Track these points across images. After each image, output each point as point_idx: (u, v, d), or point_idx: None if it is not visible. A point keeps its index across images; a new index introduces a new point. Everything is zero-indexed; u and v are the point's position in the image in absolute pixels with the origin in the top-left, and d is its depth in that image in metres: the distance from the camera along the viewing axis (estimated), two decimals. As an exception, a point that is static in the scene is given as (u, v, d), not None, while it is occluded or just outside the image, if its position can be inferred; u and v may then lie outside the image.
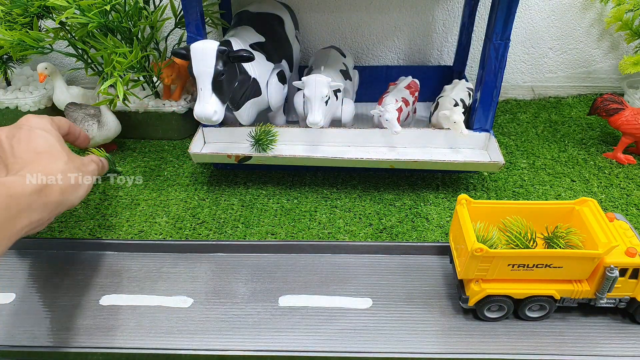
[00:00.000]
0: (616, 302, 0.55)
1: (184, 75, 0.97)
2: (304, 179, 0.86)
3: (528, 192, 0.82)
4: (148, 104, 0.96)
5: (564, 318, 0.58)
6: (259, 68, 0.77)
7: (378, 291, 0.62)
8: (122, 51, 0.81)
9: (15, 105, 1.01)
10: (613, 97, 0.88)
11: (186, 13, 0.72)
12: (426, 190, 0.83)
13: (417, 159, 0.76)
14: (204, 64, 0.65)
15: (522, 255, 0.52)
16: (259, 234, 0.74)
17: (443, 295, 0.61)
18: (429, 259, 0.66)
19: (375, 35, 1.09)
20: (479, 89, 0.76)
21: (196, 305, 0.61)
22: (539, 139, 0.97)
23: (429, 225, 0.75)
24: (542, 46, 1.10)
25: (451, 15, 1.06)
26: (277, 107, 0.84)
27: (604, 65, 1.13)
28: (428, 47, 1.11)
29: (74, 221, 0.78)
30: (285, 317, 0.59)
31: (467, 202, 0.58)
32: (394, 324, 0.57)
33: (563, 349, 0.54)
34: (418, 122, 0.97)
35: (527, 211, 0.59)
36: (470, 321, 0.58)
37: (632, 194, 0.81)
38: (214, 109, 0.67)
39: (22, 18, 0.83)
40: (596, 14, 1.06)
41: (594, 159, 0.90)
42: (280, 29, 0.86)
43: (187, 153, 0.96)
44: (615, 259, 0.52)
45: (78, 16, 0.77)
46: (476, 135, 0.78)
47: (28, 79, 1.07)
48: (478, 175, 0.86)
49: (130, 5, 0.82)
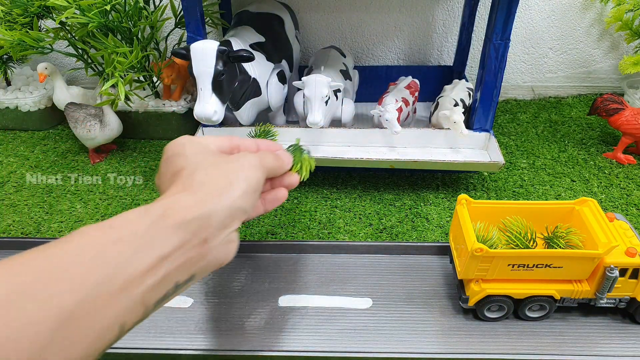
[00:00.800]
0: (616, 302, 0.55)
1: (184, 75, 0.97)
2: (304, 179, 0.86)
3: (528, 192, 0.82)
4: (148, 104, 0.96)
5: (564, 318, 0.57)
6: (259, 68, 0.77)
7: (378, 291, 0.62)
8: (122, 51, 0.81)
9: (15, 105, 1.01)
10: (613, 97, 0.88)
11: (186, 13, 0.72)
12: (426, 190, 0.83)
13: (417, 159, 0.76)
14: (204, 64, 0.65)
15: (522, 255, 0.52)
16: (259, 234, 0.74)
17: (443, 295, 0.61)
18: (429, 259, 0.66)
19: (375, 35, 1.09)
20: (479, 89, 0.76)
21: (196, 305, 0.60)
22: (539, 139, 0.97)
23: (429, 225, 0.75)
24: (542, 46, 1.10)
25: (451, 16, 1.06)
26: (277, 107, 0.84)
27: (604, 65, 1.13)
28: (428, 47, 1.11)
29: (74, 221, 0.78)
30: (285, 317, 0.59)
31: (467, 202, 0.58)
32: (394, 324, 0.57)
33: (563, 348, 0.54)
34: (418, 122, 0.97)
35: (527, 211, 0.59)
36: (470, 321, 0.57)
37: (632, 194, 0.81)
38: (214, 109, 0.67)
39: (22, 18, 0.83)
40: (596, 14, 1.06)
41: (594, 159, 0.90)
42: (280, 29, 0.86)
43: (187, 153, 0.96)
44: (615, 259, 0.52)
45: (78, 16, 0.77)
46: (476, 135, 0.78)
47: (28, 79, 1.07)
48: (478, 175, 0.86)
49: (131, 5, 0.82)
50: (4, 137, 1.03)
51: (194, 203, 0.31)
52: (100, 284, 0.26)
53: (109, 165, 0.92)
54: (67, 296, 0.24)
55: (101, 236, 0.27)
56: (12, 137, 1.03)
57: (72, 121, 0.89)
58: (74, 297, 0.24)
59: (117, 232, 0.28)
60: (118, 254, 0.27)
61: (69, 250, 0.26)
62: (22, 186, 0.87)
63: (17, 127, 1.04)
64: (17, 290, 0.23)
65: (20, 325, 0.23)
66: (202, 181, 0.33)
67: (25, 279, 0.24)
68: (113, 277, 0.26)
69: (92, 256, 0.26)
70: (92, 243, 0.27)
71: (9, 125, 1.04)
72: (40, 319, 0.23)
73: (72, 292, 0.24)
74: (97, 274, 0.26)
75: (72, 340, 0.24)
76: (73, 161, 0.94)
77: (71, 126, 0.90)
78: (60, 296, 0.24)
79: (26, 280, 0.24)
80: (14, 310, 0.23)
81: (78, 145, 0.98)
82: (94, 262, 0.26)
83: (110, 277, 0.26)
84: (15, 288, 0.23)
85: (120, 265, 0.27)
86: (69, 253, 0.26)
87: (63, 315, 0.24)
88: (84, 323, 0.25)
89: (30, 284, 0.24)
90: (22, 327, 0.23)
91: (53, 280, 0.24)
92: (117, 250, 0.27)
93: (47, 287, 0.24)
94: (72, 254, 0.26)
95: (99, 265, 0.26)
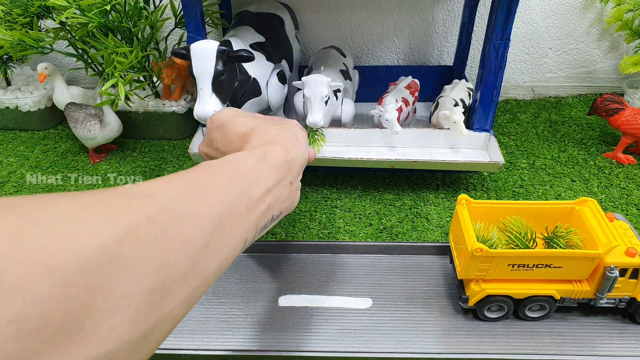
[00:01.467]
0: (616, 302, 0.55)
1: (184, 75, 0.97)
2: (303, 179, 0.86)
3: (528, 192, 0.82)
4: (148, 104, 0.96)
5: (564, 318, 0.57)
6: (259, 68, 0.77)
7: (378, 291, 0.62)
8: (122, 51, 0.81)
9: (15, 105, 1.01)
10: (613, 97, 0.88)
11: (186, 13, 0.72)
12: (426, 190, 0.83)
13: (417, 159, 0.76)
14: (204, 64, 0.65)
15: (522, 255, 0.52)
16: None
17: (443, 295, 0.61)
18: (429, 259, 0.66)
19: (375, 35, 1.09)
20: (479, 89, 0.76)
21: (196, 305, 0.60)
22: (539, 139, 0.97)
23: (429, 225, 0.75)
24: (542, 46, 1.10)
25: (451, 15, 1.06)
26: (277, 107, 0.84)
27: (604, 65, 1.13)
28: (428, 47, 1.11)
29: (74, 221, 0.78)
30: (285, 317, 0.59)
31: (467, 202, 0.58)
32: (394, 324, 0.57)
33: (563, 349, 0.54)
34: (418, 122, 0.97)
35: (527, 211, 0.59)
36: (470, 321, 0.57)
37: (632, 194, 0.81)
38: (213, 109, 0.67)
39: (22, 18, 0.83)
40: (596, 14, 1.06)
41: (594, 159, 0.90)
42: (280, 29, 0.86)
43: (187, 153, 0.96)
44: (615, 259, 0.52)
45: (78, 16, 0.77)
46: (476, 135, 0.78)
47: (28, 79, 1.07)
48: (478, 175, 0.86)
49: (130, 5, 0.82)
50: (3, 137, 1.03)
51: (282, 151, 0.38)
52: (233, 203, 0.31)
53: (109, 165, 0.92)
54: (218, 206, 0.29)
55: (226, 168, 0.33)
56: (12, 137, 1.03)
57: (72, 121, 0.89)
58: (218, 209, 0.29)
59: (235, 166, 0.34)
60: (241, 182, 0.32)
61: (205, 175, 0.31)
62: (22, 186, 0.87)
63: (17, 127, 1.04)
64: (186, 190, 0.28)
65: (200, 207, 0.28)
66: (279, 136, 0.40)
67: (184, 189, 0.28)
68: (241, 199, 0.32)
69: (224, 181, 0.32)
70: (221, 172, 0.32)
71: (9, 125, 1.04)
72: (203, 216, 0.27)
73: (219, 204, 0.29)
74: (231, 194, 0.31)
75: (220, 245, 0.29)
76: (73, 161, 0.94)
77: (71, 126, 0.90)
78: (213, 206, 0.29)
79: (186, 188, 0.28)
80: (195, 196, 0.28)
81: (78, 145, 0.98)
82: (227, 186, 0.31)
83: (239, 198, 0.31)
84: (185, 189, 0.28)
85: (244, 190, 0.32)
86: (207, 176, 0.31)
87: (215, 221, 0.28)
88: (227, 231, 0.30)
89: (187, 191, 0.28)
90: (201, 210, 0.27)
91: (202, 193, 0.29)
92: (239, 179, 0.33)
93: (202, 196, 0.28)
94: (210, 177, 0.31)
95: (231, 188, 0.31)
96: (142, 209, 0.24)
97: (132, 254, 0.22)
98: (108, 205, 0.23)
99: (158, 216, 0.24)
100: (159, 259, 0.23)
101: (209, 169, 0.32)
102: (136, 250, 0.22)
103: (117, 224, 0.22)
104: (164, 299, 0.24)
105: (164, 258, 0.24)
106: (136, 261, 0.22)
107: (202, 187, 0.29)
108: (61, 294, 0.19)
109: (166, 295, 0.24)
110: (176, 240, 0.25)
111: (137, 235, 0.23)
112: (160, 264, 0.23)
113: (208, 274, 0.28)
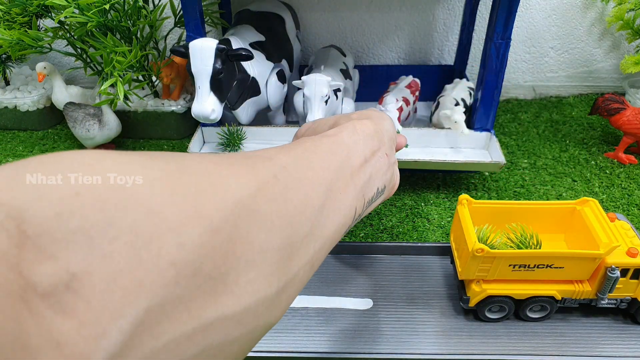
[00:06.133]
0: (617, 302, 0.55)
1: (183, 74, 0.97)
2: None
3: (529, 192, 0.82)
4: (147, 104, 0.96)
5: (565, 319, 0.57)
6: (258, 67, 0.76)
7: (378, 292, 0.61)
8: (121, 50, 0.81)
9: (14, 105, 1.01)
10: (614, 96, 0.88)
11: (185, 12, 0.71)
12: (427, 190, 0.83)
13: (418, 159, 0.75)
14: (202, 62, 0.65)
15: (523, 255, 0.52)
16: (258, 234, 0.74)
17: (444, 296, 0.61)
18: (429, 260, 0.66)
19: (376, 35, 1.09)
20: (480, 89, 0.76)
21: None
22: (540, 139, 0.97)
23: (430, 225, 0.75)
24: (543, 45, 1.10)
25: (452, 15, 1.06)
26: (276, 106, 0.83)
27: (605, 65, 1.13)
28: (429, 46, 1.10)
29: (73, 221, 0.78)
30: (285, 317, 0.58)
31: (468, 202, 0.58)
32: (395, 325, 0.57)
33: (564, 349, 0.54)
34: (419, 121, 0.97)
35: (528, 211, 0.59)
36: (471, 322, 0.57)
37: (634, 194, 0.80)
38: (211, 108, 0.66)
39: (21, 17, 0.83)
40: (597, 14, 1.06)
41: (595, 159, 0.90)
42: (280, 28, 0.86)
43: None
44: (617, 260, 0.52)
45: (77, 15, 0.77)
46: (477, 135, 0.78)
47: (27, 79, 1.07)
48: (479, 175, 0.86)
49: (130, 4, 0.82)
50: (2, 137, 1.02)
51: (370, 122, 0.39)
52: (338, 170, 0.32)
53: (108, 165, 0.92)
54: (327, 172, 0.30)
55: (324, 139, 0.34)
56: (10, 137, 1.02)
57: (71, 121, 0.89)
58: (327, 175, 0.30)
59: (332, 139, 0.35)
60: (340, 151, 0.34)
61: (309, 146, 0.32)
62: (21, 186, 0.87)
63: (16, 127, 1.04)
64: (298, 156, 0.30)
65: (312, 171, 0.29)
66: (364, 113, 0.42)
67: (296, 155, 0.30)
68: (344, 166, 0.33)
69: (327, 150, 0.33)
70: (321, 143, 0.33)
71: (8, 125, 1.04)
72: (316, 179, 0.29)
73: (327, 170, 0.31)
74: (336, 161, 0.32)
75: (334, 210, 0.30)
76: (72, 161, 0.93)
77: (70, 126, 0.89)
78: (322, 170, 0.30)
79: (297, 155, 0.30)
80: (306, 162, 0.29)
81: (77, 145, 0.98)
82: (330, 154, 0.33)
83: (343, 166, 0.33)
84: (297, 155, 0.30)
85: (345, 158, 0.34)
86: (311, 146, 0.32)
87: (327, 185, 0.30)
88: (338, 196, 0.31)
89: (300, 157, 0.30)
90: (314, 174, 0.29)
91: (310, 159, 0.30)
92: (339, 149, 0.34)
93: (312, 162, 0.30)
94: (313, 147, 0.32)
95: (333, 156, 0.33)
96: (266, 169, 0.25)
97: (265, 209, 0.23)
98: (237, 164, 0.24)
99: (281, 175, 0.26)
100: (286, 216, 0.24)
101: (311, 140, 0.33)
102: (267, 205, 0.23)
103: (249, 180, 0.23)
104: (292, 257, 0.25)
105: (289, 216, 0.25)
106: (268, 215, 0.23)
107: (309, 154, 0.31)
108: (209, 242, 0.19)
109: (293, 254, 0.25)
110: (298, 199, 0.26)
111: (267, 191, 0.24)
112: (286, 221, 0.24)
113: (325, 239, 0.29)
